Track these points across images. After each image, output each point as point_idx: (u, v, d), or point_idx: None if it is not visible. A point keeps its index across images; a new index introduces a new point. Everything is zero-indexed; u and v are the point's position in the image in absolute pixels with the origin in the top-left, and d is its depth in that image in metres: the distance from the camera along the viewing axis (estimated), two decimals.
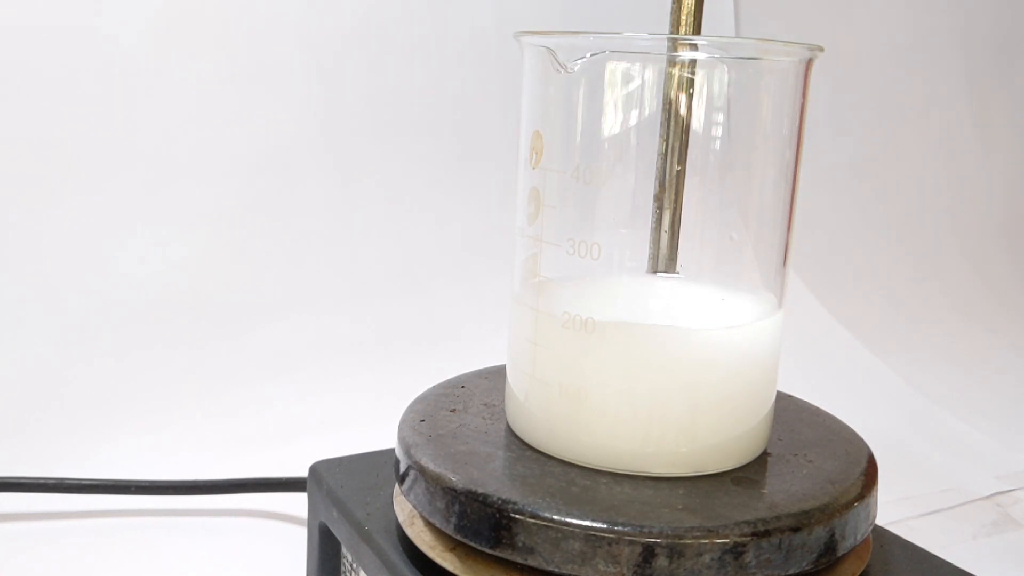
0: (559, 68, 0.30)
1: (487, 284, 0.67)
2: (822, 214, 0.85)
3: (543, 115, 0.32)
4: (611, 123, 0.30)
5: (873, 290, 0.83)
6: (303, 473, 0.39)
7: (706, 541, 0.26)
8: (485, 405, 0.35)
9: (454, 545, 0.29)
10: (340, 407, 0.59)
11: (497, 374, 0.37)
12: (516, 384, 0.32)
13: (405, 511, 0.32)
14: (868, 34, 0.90)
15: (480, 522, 0.27)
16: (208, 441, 0.54)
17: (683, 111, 0.31)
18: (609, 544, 0.26)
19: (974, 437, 0.62)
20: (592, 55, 0.29)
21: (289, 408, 0.58)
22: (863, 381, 0.69)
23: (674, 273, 0.33)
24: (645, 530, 0.26)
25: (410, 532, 0.30)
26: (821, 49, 0.30)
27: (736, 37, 0.76)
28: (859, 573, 0.30)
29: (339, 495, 0.35)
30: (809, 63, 0.31)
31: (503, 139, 0.70)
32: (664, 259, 0.32)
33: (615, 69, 0.30)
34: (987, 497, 0.54)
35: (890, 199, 0.90)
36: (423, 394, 0.36)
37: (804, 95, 0.31)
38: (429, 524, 0.30)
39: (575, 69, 0.29)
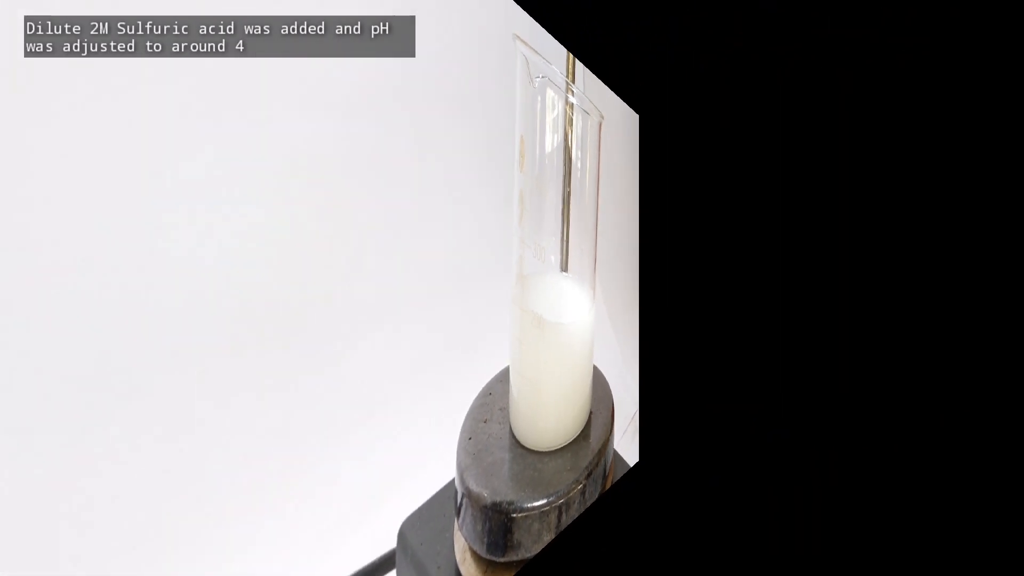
0: (530, 79, 0.31)
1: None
2: None
3: (525, 121, 0.32)
4: (549, 138, 0.32)
5: None
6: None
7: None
8: (502, 410, 0.35)
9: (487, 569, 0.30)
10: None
11: None
12: (512, 382, 0.33)
13: (459, 547, 0.32)
14: None
15: (495, 533, 0.29)
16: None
17: (566, 141, 0.33)
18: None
19: None
20: (541, 76, 0.31)
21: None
22: None
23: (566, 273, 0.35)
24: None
25: (462, 569, 0.31)
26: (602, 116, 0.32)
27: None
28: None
29: (419, 555, 0.34)
30: (599, 126, 0.32)
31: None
32: (564, 262, 0.34)
33: (549, 92, 0.32)
34: None
35: None
36: (469, 409, 0.36)
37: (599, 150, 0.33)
38: (474, 554, 0.30)
39: (536, 84, 0.31)
